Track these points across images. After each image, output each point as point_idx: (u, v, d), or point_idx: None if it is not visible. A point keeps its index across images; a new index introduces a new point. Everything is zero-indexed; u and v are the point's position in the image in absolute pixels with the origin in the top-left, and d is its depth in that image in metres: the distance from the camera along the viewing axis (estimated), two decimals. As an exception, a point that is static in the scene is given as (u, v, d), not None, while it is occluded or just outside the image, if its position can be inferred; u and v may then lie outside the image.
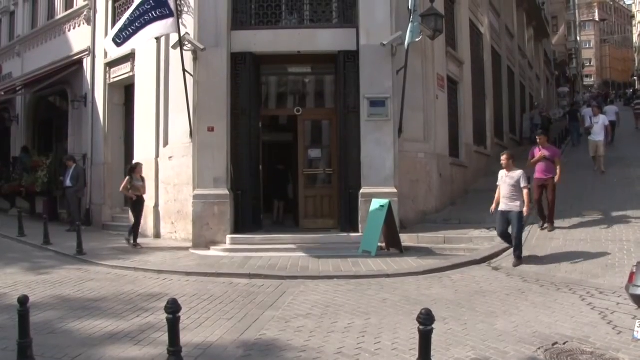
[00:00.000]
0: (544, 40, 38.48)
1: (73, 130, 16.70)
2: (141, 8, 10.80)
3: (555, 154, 11.05)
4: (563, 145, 21.04)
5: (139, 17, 10.79)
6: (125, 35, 10.85)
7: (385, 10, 11.83)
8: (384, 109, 11.57)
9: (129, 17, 10.81)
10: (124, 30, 10.83)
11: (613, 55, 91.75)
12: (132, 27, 10.78)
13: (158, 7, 10.84)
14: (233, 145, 11.72)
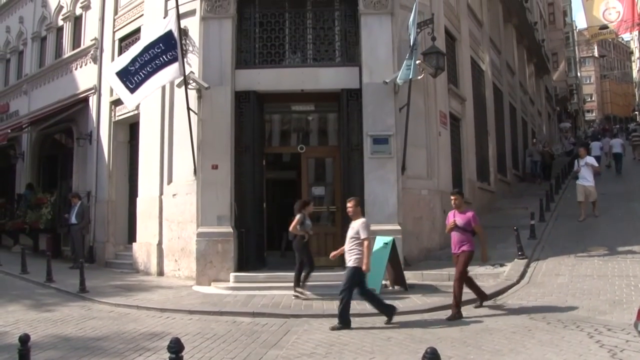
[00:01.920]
0: (545, 76, 38.86)
1: (78, 168, 16.81)
2: (151, 51, 10.95)
3: (470, 222, 8.72)
4: (566, 180, 21.09)
5: (150, 62, 10.92)
6: (137, 80, 10.97)
7: (387, 48, 12.02)
8: (386, 146, 11.65)
9: (139, 59, 10.93)
10: (135, 74, 10.94)
11: (613, 90, 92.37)
12: (143, 71, 10.91)
13: (168, 51, 11.01)
14: (237, 183, 11.77)
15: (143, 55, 10.95)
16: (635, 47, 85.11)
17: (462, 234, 8.70)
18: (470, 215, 8.75)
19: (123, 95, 11.44)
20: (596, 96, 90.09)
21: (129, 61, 11.09)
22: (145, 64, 10.91)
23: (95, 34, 16.18)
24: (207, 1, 12.13)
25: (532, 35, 31.00)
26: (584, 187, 14.68)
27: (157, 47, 10.95)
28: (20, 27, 21.19)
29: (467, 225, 8.70)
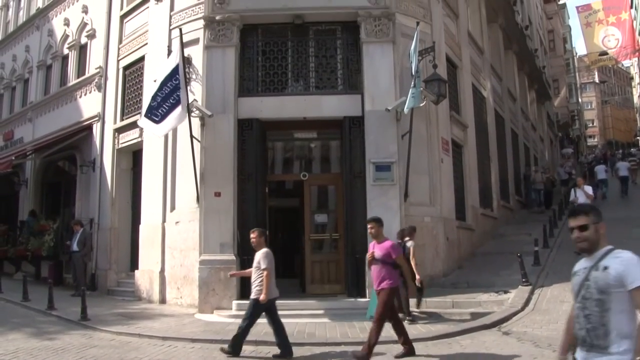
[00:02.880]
0: (546, 102, 39.06)
1: (81, 195, 16.83)
2: (169, 84, 11.07)
3: (389, 253, 7.68)
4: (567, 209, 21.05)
5: (171, 94, 11.04)
6: (162, 113, 11.11)
7: (389, 76, 12.11)
8: (389, 173, 11.67)
9: (159, 93, 11.06)
10: (159, 107, 11.08)
11: (615, 115, 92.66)
12: (166, 103, 11.03)
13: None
14: (239, 211, 11.77)
15: (162, 89, 11.07)
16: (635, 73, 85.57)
17: (383, 267, 7.64)
18: (389, 246, 7.75)
19: (152, 129, 11.58)
20: (598, 122, 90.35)
21: (150, 98, 11.20)
22: (167, 97, 11.03)
23: (100, 63, 16.36)
24: (210, 30, 12.28)
25: (533, 62, 31.25)
26: None
27: (175, 79, 11.07)
28: (27, 56, 21.44)
29: (386, 257, 7.66)
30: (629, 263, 3.22)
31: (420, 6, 13.34)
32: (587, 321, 3.32)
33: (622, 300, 3.20)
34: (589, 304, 3.33)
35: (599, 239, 3.43)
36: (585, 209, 3.55)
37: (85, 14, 17.77)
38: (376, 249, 7.75)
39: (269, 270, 7.97)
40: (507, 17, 23.87)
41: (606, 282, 3.25)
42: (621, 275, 3.18)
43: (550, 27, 47.39)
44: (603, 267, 3.31)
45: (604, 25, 34.80)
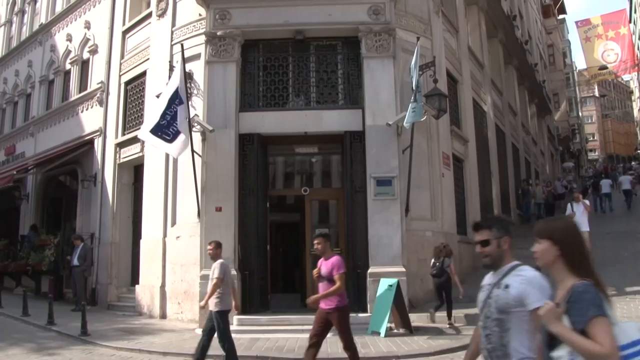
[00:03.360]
0: (547, 116, 39.15)
1: (82, 209, 16.84)
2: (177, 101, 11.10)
3: (332, 270, 7.05)
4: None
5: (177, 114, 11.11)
6: (173, 131, 11.13)
7: (390, 91, 12.15)
8: (390, 187, 11.66)
9: (168, 112, 11.07)
10: (169, 126, 11.09)
11: (615, 129, 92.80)
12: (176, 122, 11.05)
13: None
14: (240, 225, 11.75)
15: (171, 108, 11.08)
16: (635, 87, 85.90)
17: (328, 284, 7.07)
18: (334, 262, 7.12)
19: (164, 148, 11.56)
20: (598, 135, 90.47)
21: (160, 116, 11.20)
22: (175, 116, 11.04)
23: (102, 78, 16.44)
24: (212, 45, 12.34)
25: (533, 76, 31.38)
26: None
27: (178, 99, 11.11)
28: (29, 71, 21.57)
29: (331, 274, 7.06)
30: (530, 282, 3.05)
31: (420, 21, 13.43)
32: (487, 341, 3.18)
33: (523, 321, 3.03)
34: (489, 323, 3.18)
35: (502, 254, 3.26)
36: (489, 223, 3.39)
37: (87, 29, 17.89)
38: (322, 266, 7.20)
39: (219, 280, 7.92)
40: (507, 32, 24.00)
41: (506, 302, 3.09)
42: (521, 294, 3.02)
43: (549, 42, 47.62)
44: (504, 285, 3.14)
45: (603, 40, 34.94)
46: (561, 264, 2.81)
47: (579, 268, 2.77)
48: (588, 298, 2.62)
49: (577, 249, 2.85)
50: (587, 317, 2.56)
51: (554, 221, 3.04)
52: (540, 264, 2.91)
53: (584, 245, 2.94)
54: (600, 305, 2.61)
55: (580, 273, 2.75)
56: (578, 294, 2.65)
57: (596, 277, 2.76)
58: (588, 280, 2.70)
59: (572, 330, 2.59)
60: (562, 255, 2.81)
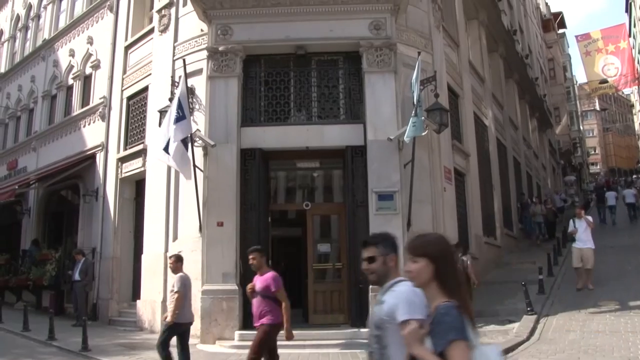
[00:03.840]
0: (548, 130, 39.22)
1: (83, 224, 16.83)
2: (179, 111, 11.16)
3: (269, 286, 7.10)
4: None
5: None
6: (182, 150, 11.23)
7: (391, 106, 12.17)
8: (392, 202, 11.65)
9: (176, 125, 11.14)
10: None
11: (617, 143, 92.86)
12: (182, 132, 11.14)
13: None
14: (242, 240, 11.71)
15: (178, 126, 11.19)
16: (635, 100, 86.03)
17: (262, 301, 7.03)
18: (270, 277, 7.09)
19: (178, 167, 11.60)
20: (600, 149, 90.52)
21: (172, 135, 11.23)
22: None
23: (104, 93, 16.50)
24: (214, 61, 12.40)
25: (534, 90, 31.49)
26: (580, 251, 13.14)
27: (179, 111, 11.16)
28: (32, 86, 21.66)
29: (266, 290, 7.04)
30: (402, 296, 2.95)
31: (421, 36, 13.49)
32: (370, 358, 3.14)
33: (399, 336, 2.90)
34: (371, 341, 3.14)
35: (387, 271, 3.19)
36: (375, 240, 3.32)
37: (90, 44, 17.99)
38: (257, 282, 7.19)
39: (181, 294, 8.02)
40: (508, 47, 24.12)
41: (380, 317, 3.06)
42: (392, 309, 2.95)
43: (550, 56, 47.82)
44: (381, 302, 3.13)
45: (603, 54, 35.08)
46: (435, 283, 2.75)
47: (448, 287, 2.71)
48: (448, 320, 2.58)
49: (450, 267, 2.79)
50: (446, 340, 2.53)
51: (427, 236, 2.93)
52: (415, 283, 2.84)
53: (455, 262, 2.92)
54: (460, 328, 2.57)
55: (449, 293, 2.70)
56: (440, 315, 2.62)
57: (463, 297, 2.72)
58: (453, 300, 2.65)
59: (433, 352, 2.56)
60: (436, 273, 2.74)
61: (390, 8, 12.49)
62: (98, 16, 17.95)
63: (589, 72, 35.68)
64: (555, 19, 53.46)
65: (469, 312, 2.69)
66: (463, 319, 2.61)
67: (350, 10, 12.51)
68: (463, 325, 2.58)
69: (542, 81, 38.85)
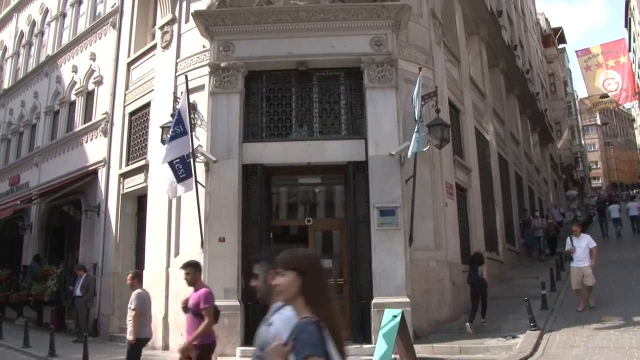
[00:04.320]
0: (549, 145, 39.26)
1: (85, 240, 16.82)
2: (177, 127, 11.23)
3: (199, 302, 6.77)
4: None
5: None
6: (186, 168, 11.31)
7: (393, 121, 12.20)
8: (394, 218, 11.64)
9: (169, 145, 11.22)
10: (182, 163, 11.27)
11: (618, 157, 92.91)
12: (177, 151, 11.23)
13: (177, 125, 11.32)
14: (244, 256, 11.70)
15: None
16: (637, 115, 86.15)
17: (194, 318, 6.75)
18: (202, 294, 6.78)
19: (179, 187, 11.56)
20: (601, 163, 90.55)
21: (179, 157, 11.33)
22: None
23: (106, 108, 16.58)
24: (215, 77, 12.46)
25: (535, 105, 31.57)
26: (579, 270, 12.53)
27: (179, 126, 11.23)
28: (35, 102, 21.78)
29: (196, 307, 6.74)
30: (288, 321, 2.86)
31: (422, 52, 13.56)
32: None
33: None
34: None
35: (270, 289, 3.04)
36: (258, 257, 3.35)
37: (93, 61, 18.11)
38: (191, 297, 6.91)
39: (138, 310, 8.00)
40: (508, 62, 24.22)
41: (267, 339, 2.98)
42: (278, 332, 2.91)
43: (550, 71, 47.98)
44: (269, 323, 3.08)
45: (603, 69, 35.17)
46: (301, 297, 2.73)
47: (314, 303, 2.70)
48: (304, 337, 2.57)
49: (317, 283, 2.78)
50: (302, 356, 2.53)
51: (297, 251, 2.91)
52: (282, 298, 2.81)
53: (324, 277, 2.89)
54: (316, 344, 2.56)
55: (314, 308, 2.68)
56: (298, 332, 2.61)
57: (330, 313, 2.71)
58: (315, 316, 2.64)
59: None
60: (303, 288, 2.73)
61: (391, 24, 12.56)
62: (101, 33, 18.08)
63: (589, 86, 35.75)
64: (555, 34, 53.73)
65: (335, 329, 2.67)
66: (323, 335, 2.59)
67: (351, 26, 12.59)
68: (321, 341, 2.57)
69: (543, 96, 38.96)
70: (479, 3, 19.49)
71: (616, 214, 25.37)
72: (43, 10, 23.00)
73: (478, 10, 19.46)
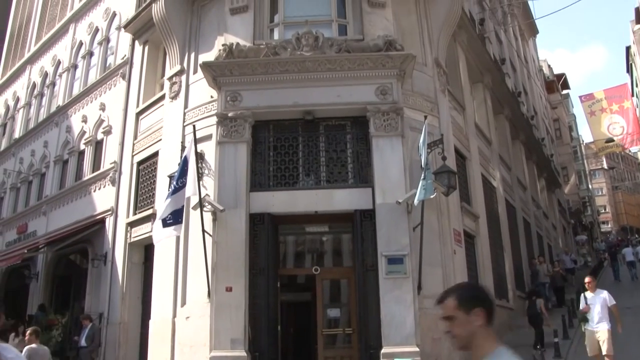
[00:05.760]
0: (557, 190, 39.17)
1: (91, 289, 16.71)
2: (180, 181, 11.32)
3: None
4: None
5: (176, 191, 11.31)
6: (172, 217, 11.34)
7: (399, 169, 12.24)
8: (402, 266, 11.55)
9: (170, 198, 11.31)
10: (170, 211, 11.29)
11: (626, 201, 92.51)
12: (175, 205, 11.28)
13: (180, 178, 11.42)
14: (251, 305, 11.60)
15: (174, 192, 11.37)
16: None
17: None
18: None
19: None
20: (610, 207, 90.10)
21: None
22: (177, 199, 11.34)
23: (115, 158, 16.73)
24: (223, 126, 12.60)
25: (541, 150, 31.66)
26: (594, 335, 10.83)
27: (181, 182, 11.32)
28: (45, 151, 22.03)
29: None
30: None
31: (427, 100, 13.71)
32: None
33: None
34: None
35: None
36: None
37: (102, 111, 18.38)
38: None
39: None
40: (513, 108, 24.42)
41: None
42: None
43: (555, 116, 48.29)
44: None
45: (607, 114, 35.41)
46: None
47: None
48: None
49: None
50: None
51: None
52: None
53: None
54: None
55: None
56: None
57: None
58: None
59: None
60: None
61: (396, 73, 12.75)
62: (111, 83, 18.42)
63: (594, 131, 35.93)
64: (559, 81, 54.30)
65: None
66: None
67: (356, 76, 12.77)
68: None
69: (549, 141, 39.11)
70: (482, 51, 19.79)
71: (630, 257, 25.40)
72: (55, 62, 23.53)
73: (481, 58, 19.75)
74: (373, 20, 13.66)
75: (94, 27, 20.90)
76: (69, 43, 22.48)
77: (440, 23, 14.80)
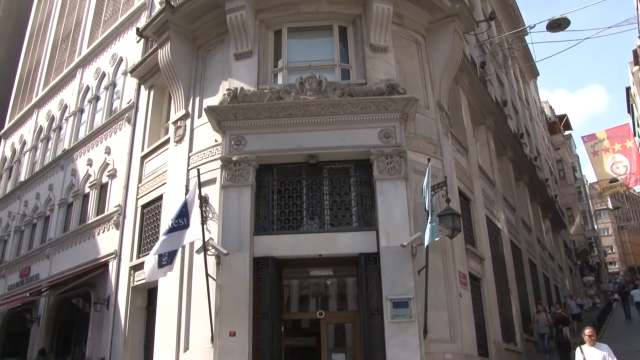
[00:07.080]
0: (562, 230, 38.99)
1: (93, 333, 16.54)
2: (176, 221, 11.35)
3: None
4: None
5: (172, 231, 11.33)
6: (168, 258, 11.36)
7: (403, 212, 12.22)
8: (407, 309, 11.42)
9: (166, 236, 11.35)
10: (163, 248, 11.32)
11: (633, 241, 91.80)
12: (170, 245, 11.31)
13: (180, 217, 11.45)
14: (255, 350, 11.45)
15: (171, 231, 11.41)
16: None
17: None
18: None
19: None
20: (617, 248, 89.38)
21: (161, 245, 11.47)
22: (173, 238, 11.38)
23: (119, 201, 16.78)
24: (227, 170, 12.66)
25: (545, 191, 31.64)
26: None
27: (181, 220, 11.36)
28: (49, 194, 22.14)
29: None
30: None
31: (430, 143, 13.78)
32: None
33: None
34: None
35: None
36: None
37: (107, 154, 18.53)
38: None
39: None
40: (516, 150, 24.50)
41: None
42: None
43: (558, 157, 48.46)
44: None
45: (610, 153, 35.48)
46: None
47: None
48: None
49: None
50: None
51: None
52: None
53: None
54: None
55: None
56: None
57: None
58: None
59: None
60: None
61: (399, 117, 12.86)
62: (116, 127, 18.62)
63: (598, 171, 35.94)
64: (561, 122, 54.71)
65: None
66: None
67: (360, 119, 12.88)
68: None
69: (553, 182, 39.13)
70: (484, 94, 19.98)
71: (639, 298, 25.09)
72: (62, 106, 23.87)
73: (483, 100, 19.92)
74: (375, 64, 13.85)
75: (100, 72, 21.28)
76: (76, 88, 22.85)
77: (441, 67, 15.00)
